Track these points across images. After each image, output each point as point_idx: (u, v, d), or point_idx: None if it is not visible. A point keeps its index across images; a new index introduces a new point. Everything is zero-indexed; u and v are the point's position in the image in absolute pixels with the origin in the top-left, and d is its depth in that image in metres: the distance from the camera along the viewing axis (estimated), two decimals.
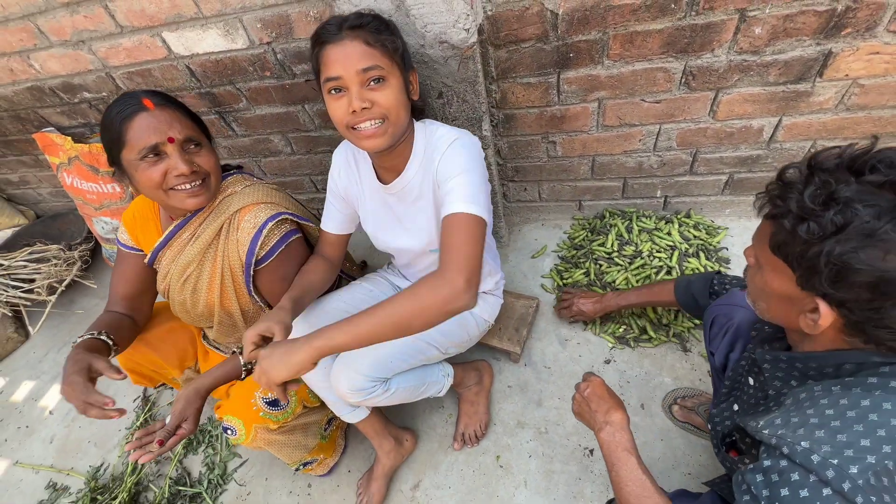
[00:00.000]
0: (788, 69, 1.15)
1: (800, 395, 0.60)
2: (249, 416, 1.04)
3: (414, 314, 0.76)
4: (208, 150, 0.97)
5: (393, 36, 0.85)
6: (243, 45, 1.32)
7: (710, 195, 1.56)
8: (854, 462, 0.49)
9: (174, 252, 1.05)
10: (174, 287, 1.07)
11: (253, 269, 1.03)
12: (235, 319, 1.14)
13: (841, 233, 0.49)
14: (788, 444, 0.53)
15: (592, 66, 1.22)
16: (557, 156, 1.52)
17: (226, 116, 1.60)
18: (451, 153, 0.88)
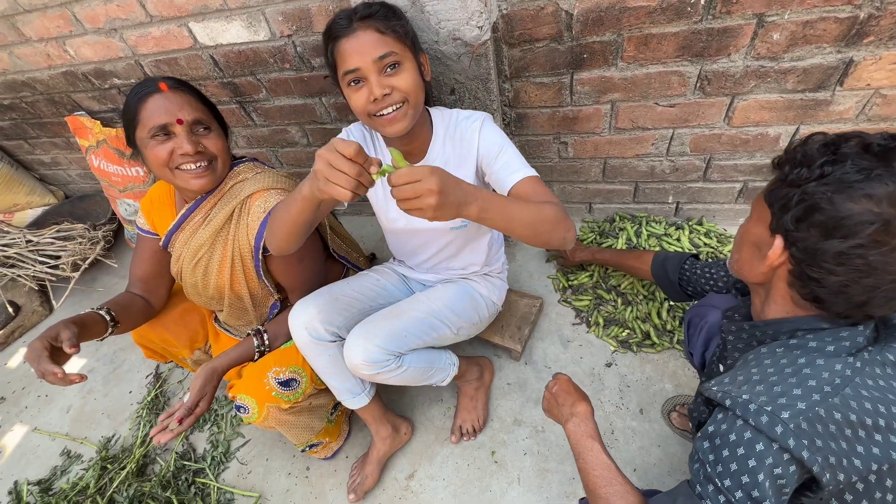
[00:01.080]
0: (807, 77, 1.13)
1: (748, 357, 0.66)
2: (262, 396, 1.07)
3: (540, 217, 0.80)
4: (217, 135, 1.01)
5: (402, 21, 0.88)
6: (265, 38, 1.37)
7: (723, 203, 1.54)
8: (786, 408, 0.54)
9: (187, 235, 1.09)
10: (186, 269, 1.11)
11: (263, 254, 1.07)
12: (245, 303, 1.17)
13: (823, 178, 0.55)
14: (732, 397, 0.58)
15: (606, 68, 1.22)
16: (569, 157, 1.52)
17: (246, 106, 1.65)
18: (488, 132, 0.96)
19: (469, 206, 0.70)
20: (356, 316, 1.13)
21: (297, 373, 1.10)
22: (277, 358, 1.09)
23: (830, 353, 0.59)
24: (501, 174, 0.92)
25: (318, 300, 1.09)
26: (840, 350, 0.58)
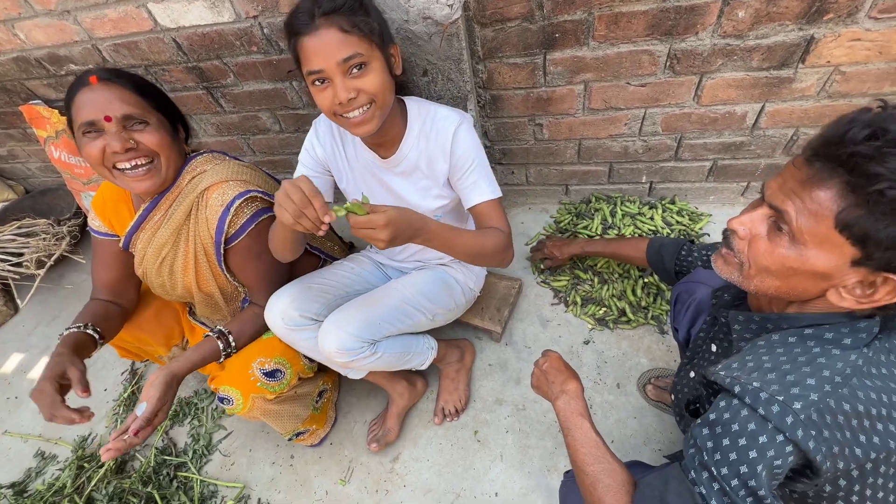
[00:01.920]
0: (771, 54, 1.15)
1: (757, 343, 0.61)
2: (247, 386, 1.05)
3: (475, 246, 0.92)
4: (155, 129, 0.94)
5: (368, 17, 0.82)
6: (230, 19, 1.32)
7: (694, 181, 1.58)
8: (798, 399, 0.51)
9: (148, 235, 1.05)
10: (151, 270, 1.08)
11: (224, 248, 1.04)
12: (216, 299, 1.15)
13: None
14: (741, 384, 0.55)
15: (578, 48, 1.23)
16: (544, 139, 1.53)
17: (214, 92, 1.60)
18: (462, 140, 0.95)
19: (416, 239, 0.82)
20: (333, 302, 1.13)
21: (282, 364, 1.09)
22: (261, 348, 1.08)
23: (847, 345, 0.55)
24: (466, 191, 0.97)
25: (290, 290, 1.08)
26: (857, 342, 0.55)
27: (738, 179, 1.54)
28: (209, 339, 1.06)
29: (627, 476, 0.68)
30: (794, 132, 1.34)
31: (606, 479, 0.68)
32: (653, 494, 0.61)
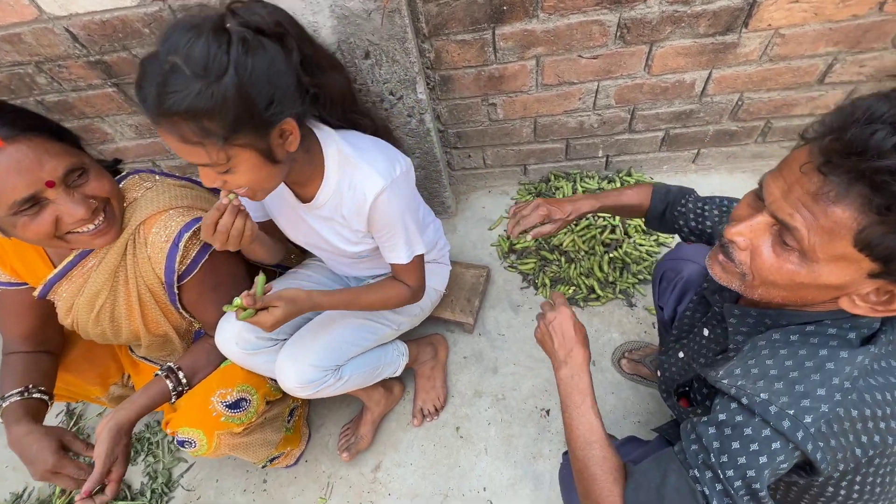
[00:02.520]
0: (717, 20, 1.15)
1: (758, 342, 0.58)
2: (209, 424, 0.94)
3: (379, 304, 0.98)
4: (97, 172, 0.79)
5: (221, 113, 0.61)
6: (133, 3, 1.14)
7: (648, 152, 1.59)
8: (809, 412, 0.50)
9: (76, 284, 0.89)
10: (85, 320, 0.93)
11: (177, 286, 0.92)
12: (169, 338, 1.02)
13: None
14: (748, 395, 0.53)
15: (528, 20, 1.17)
16: (499, 119, 1.47)
17: (126, 89, 1.40)
18: (382, 208, 0.83)
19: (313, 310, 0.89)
20: None
21: (247, 391, 0.99)
22: (220, 379, 0.97)
23: (852, 341, 0.53)
24: (384, 248, 0.93)
25: None
26: (860, 336, 0.53)
27: (689, 147, 1.57)
28: (157, 380, 0.94)
29: (617, 464, 0.65)
30: (738, 97, 1.37)
31: (594, 469, 0.65)
32: (649, 486, 0.59)
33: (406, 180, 0.86)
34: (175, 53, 0.60)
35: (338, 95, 0.82)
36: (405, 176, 0.86)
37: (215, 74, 0.60)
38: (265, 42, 0.65)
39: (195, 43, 0.59)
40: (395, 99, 1.22)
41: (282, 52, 0.68)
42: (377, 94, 1.20)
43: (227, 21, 0.64)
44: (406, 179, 0.86)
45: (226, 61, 0.60)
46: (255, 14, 0.66)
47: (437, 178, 1.52)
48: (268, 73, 0.64)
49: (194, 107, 0.60)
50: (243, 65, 0.61)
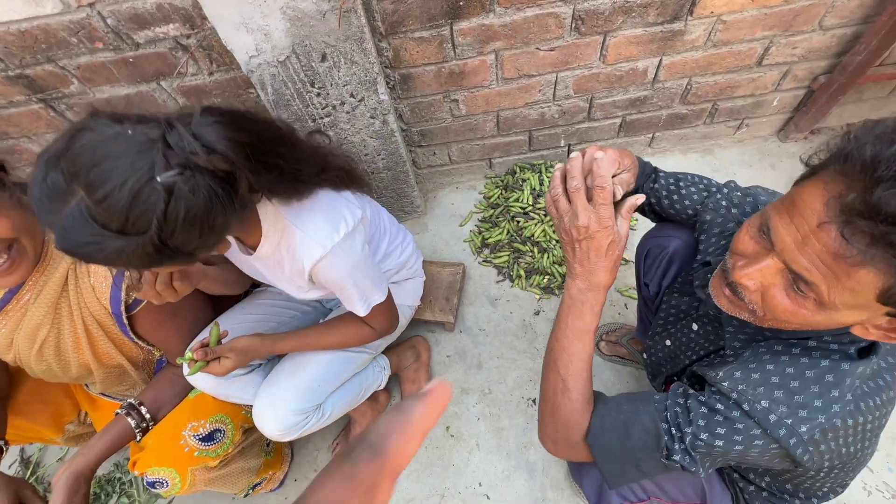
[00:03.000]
0: (665, 8, 1.19)
1: (760, 349, 0.59)
2: (182, 461, 0.88)
3: (341, 345, 0.98)
4: (3, 211, 0.71)
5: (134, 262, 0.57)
6: (54, 10, 1.03)
7: (607, 139, 1.64)
8: (805, 422, 0.52)
9: (14, 320, 0.82)
10: (27, 356, 0.85)
11: (126, 316, 0.85)
12: (124, 369, 0.95)
13: None
14: (749, 401, 0.55)
15: (484, 15, 1.16)
16: (462, 114, 1.46)
17: (55, 104, 1.28)
18: (323, 273, 0.80)
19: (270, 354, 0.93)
20: None
21: (221, 421, 0.94)
22: (191, 411, 0.91)
23: (852, 354, 0.54)
24: (341, 299, 0.89)
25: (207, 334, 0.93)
26: (858, 349, 0.55)
27: (644, 132, 1.63)
28: (117, 419, 0.87)
29: (592, 388, 0.68)
30: (687, 82, 1.43)
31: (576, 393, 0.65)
32: (617, 418, 0.63)
33: (351, 240, 0.80)
34: (86, 191, 0.50)
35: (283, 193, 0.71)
36: (348, 237, 0.79)
37: (133, 232, 0.53)
38: (201, 184, 0.54)
39: (113, 195, 0.50)
40: (357, 101, 1.18)
41: (221, 192, 0.57)
42: (337, 96, 1.16)
43: (155, 169, 0.52)
44: (351, 239, 0.80)
45: (148, 220, 0.52)
46: (193, 152, 0.54)
47: (405, 178, 1.50)
48: (199, 220, 0.56)
49: (106, 260, 0.55)
50: (170, 221, 0.53)
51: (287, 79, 1.08)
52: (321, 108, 1.17)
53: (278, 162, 0.65)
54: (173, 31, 1.10)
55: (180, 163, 0.53)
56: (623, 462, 0.64)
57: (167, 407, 0.93)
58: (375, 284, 0.88)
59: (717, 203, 0.77)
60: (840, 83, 1.38)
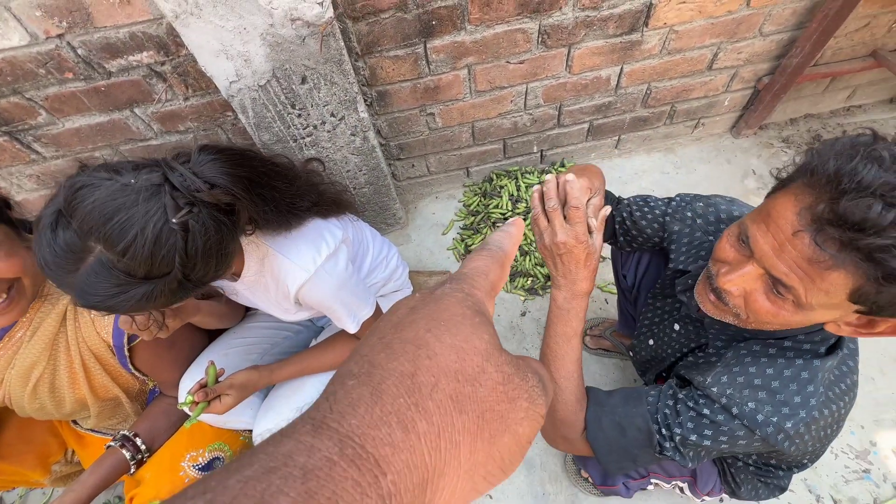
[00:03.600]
0: (622, 22, 1.28)
1: (741, 351, 0.64)
2: None
3: (335, 365, 0.98)
4: (7, 249, 0.71)
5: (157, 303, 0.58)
6: (21, 42, 1.01)
7: (577, 143, 1.72)
8: (789, 418, 0.58)
9: (6, 357, 0.80)
10: (19, 395, 0.83)
11: (128, 348, 0.85)
12: (120, 402, 0.93)
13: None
14: (738, 404, 0.60)
15: (456, 33, 1.21)
16: (438, 127, 1.51)
17: (21, 136, 1.24)
18: (309, 295, 0.81)
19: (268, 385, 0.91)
20: (261, 361, 1.00)
21: (220, 449, 0.93)
22: (188, 440, 0.91)
23: (822, 353, 0.60)
24: (331, 318, 0.90)
25: (204, 363, 0.93)
26: (827, 346, 0.60)
27: (611, 135, 1.72)
28: (110, 452, 0.86)
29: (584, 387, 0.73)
30: (647, 87, 1.53)
31: (570, 395, 0.70)
32: (612, 420, 0.68)
33: (333, 262, 0.82)
34: (105, 246, 0.52)
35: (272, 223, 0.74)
36: (331, 259, 0.81)
37: (159, 275, 0.55)
38: (208, 218, 0.58)
39: (135, 244, 0.52)
40: (337, 120, 1.21)
41: (226, 221, 0.61)
42: (318, 116, 1.18)
43: (167, 212, 0.54)
44: (334, 260, 0.82)
45: (171, 259, 0.55)
46: (198, 190, 0.57)
47: (386, 191, 1.53)
48: (214, 248, 0.59)
49: (136, 308, 0.56)
50: (191, 256, 0.56)
51: (268, 101, 1.09)
52: (302, 128, 1.19)
53: (274, 195, 0.68)
54: (147, 58, 1.10)
55: (188, 202, 0.55)
56: (621, 457, 0.69)
57: (162, 437, 0.92)
58: (362, 300, 0.90)
59: (683, 214, 0.83)
60: (781, 83, 1.51)
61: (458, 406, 0.19)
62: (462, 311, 0.22)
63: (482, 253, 0.27)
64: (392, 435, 0.17)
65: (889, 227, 0.42)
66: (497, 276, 0.26)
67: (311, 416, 0.17)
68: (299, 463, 0.15)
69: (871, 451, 1.18)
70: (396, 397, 0.18)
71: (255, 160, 0.67)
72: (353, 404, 0.17)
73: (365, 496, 0.15)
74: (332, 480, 0.15)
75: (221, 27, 0.91)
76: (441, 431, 0.18)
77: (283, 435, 0.17)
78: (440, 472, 0.18)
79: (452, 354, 0.20)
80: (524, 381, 0.21)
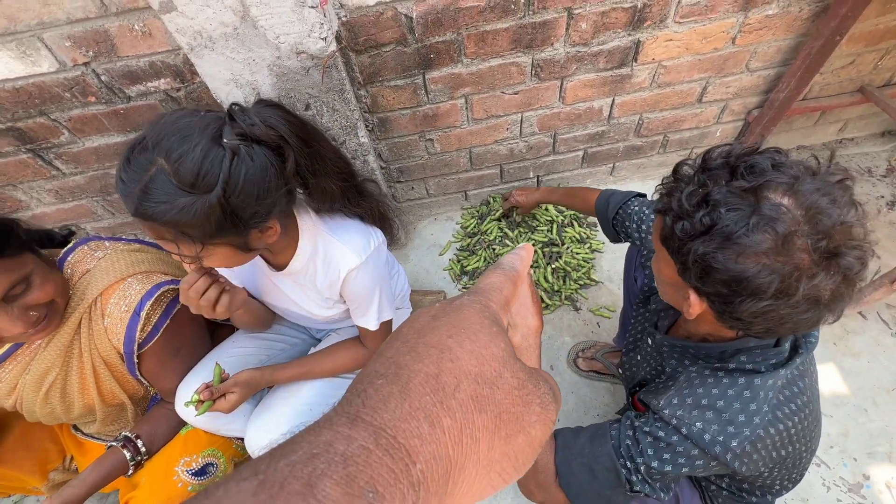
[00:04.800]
0: (612, 57, 1.35)
1: (691, 373, 0.70)
2: (176, 496, 0.89)
3: (335, 371, 1.02)
4: (42, 277, 0.76)
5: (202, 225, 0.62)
6: (51, 69, 1.10)
7: (572, 170, 1.77)
8: (735, 437, 0.61)
9: (22, 364, 0.85)
10: (32, 400, 0.87)
11: (137, 355, 0.89)
12: (124, 406, 0.97)
13: (707, 234, 0.53)
14: (686, 425, 0.64)
15: (453, 65, 1.29)
16: (437, 152, 1.57)
17: (44, 154, 1.32)
18: (354, 284, 0.87)
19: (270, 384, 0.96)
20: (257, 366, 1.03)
21: (213, 455, 0.96)
22: (182, 446, 0.93)
23: (762, 372, 0.64)
24: (353, 312, 0.95)
25: (200, 371, 0.96)
26: (769, 367, 0.64)
27: (605, 163, 1.77)
28: (111, 451, 0.89)
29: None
30: (639, 118, 1.59)
31: None
32: (581, 463, 0.70)
33: (378, 255, 0.89)
34: (165, 157, 0.59)
35: (329, 197, 0.80)
36: (378, 251, 0.89)
37: (202, 190, 0.60)
38: (258, 153, 0.64)
39: (188, 154, 0.58)
40: (338, 144, 1.28)
41: (275, 163, 0.66)
42: None
43: (223, 133, 0.62)
44: (379, 254, 0.89)
45: (215, 177, 0.60)
46: (254, 124, 0.64)
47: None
48: (256, 185, 0.64)
49: (175, 220, 0.60)
50: (233, 181, 0.61)
51: None
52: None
53: (327, 168, 0.75)
54: (164, 85, 1.18)
55: (242, 132, 0.63)
56: (596, 501, 0.70)
57: (161, 441, 0.95)
58: (390, 301, 0.95)
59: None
60: (770, 116, 1.56)
61: (478, 406, 0.20)
62: (480, 321, 0.23)
63: (496, 272, 0.29)
64: (420, 428, 0.18)
65: (678, 181, 0.60)
66: (510, 292, 0.28)
67: (344, 410, 0.19)
68: (339, 450, 0.17)
69: (864, 485, 1.16)
70: (423, 395, 0.19)
71: (313, 128, 0.75)
72: (384, 400, 0.19)
73: (398, 482, 0.17)
74: (369, 466, 0.17)
75: (232, 59, 0.99)
76: (463, 428, 0.19)
77: (321, 426, 0.18)
78: (461, 465, 0.19)
79: (473, 359, 0.21)
80: (537, 387, 0.23)
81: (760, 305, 0.53)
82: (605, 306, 1.54)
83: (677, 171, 0.62)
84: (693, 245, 0.55)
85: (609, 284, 1.59)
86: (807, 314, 0.54)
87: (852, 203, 0.55)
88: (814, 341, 0.70)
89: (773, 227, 0.51)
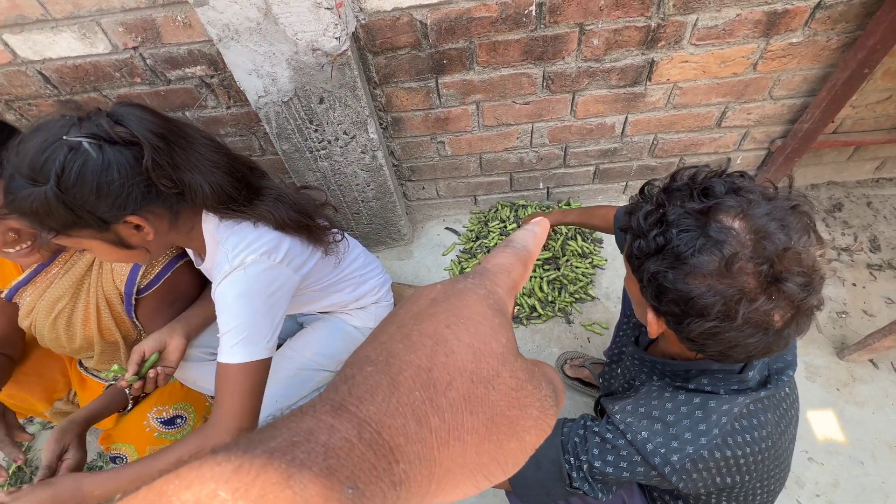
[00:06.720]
0: (625, 74, 1.36)
1: (652, 387, 0.71)
2: (143, 440, 0.99)
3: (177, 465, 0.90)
4: None
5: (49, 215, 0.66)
6: (105, 50, 1.24)
7: (583, 185, 1.77)
8: (676, 452, 0.62)
9: (40, 288, 0.96)
10: (42, 323, 0.99)
11: (135, 298, 0.99)
12: (118, 346, 1.08)
13: (660, 253, 0.55)
14: (633, 432, 0.65)
15: (465, 72, 1.34)
16: (447, 155, 1.62)
17: None
18: (222, 290, 0.77)
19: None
20: None
21: (184, 409, 1.04)
22: (157, 395, 1.02)
23: (720, 395, 0.64)
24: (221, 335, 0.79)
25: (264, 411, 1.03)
26: (729, 392, 0.64)
27: (618, 180, 1.76)
28: (113, 387, 0.99)
29: None
30: (654, 137, 1.57)
31: None
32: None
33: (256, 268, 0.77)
34: (17, 156, 0.65)
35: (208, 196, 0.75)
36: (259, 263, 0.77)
37: (42, 182, 0.64)
38: (108, 150, 0.66)
39: (31, 149, 0.64)
40: (349, 138, 1.35)
41: (128, 160, 0.67)
42: (332, 133, 1.33)
43: (69, 131, 0.65)
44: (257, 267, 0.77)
45: (48, 170, 0.63)
46: (100, 124, 0.66)
47: (392, 208, 1.65)
48: (96, 180, 0.65)
49: (21, 209, 0.67)
50: (67, 174, 0.64)
51: (289, 116, 1.26)
52: (318, 142, 1.34)
53: (191, 153, 0.73)
54: (200, 71, 1.30)
55: (90, 132, 0.66)
56: (536, 491, 0.73)
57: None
58: (266, 332, 0.78)
59: None
60: (793, 147, 1.51)
61: (469, 407, 0.19)
62: (483, 311, 0.22)
63: (506, 250, 0.26)
64: (406, 426, 0.17)
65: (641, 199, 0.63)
66: (519, 274, 0.25)
67: (329, 397, 0.18)
68: (321, 441, 0.16)
69: None
70: (412, 390, 0.18)
71: (182, 126, 0.74)
72: (371, 391, 0.18)
73: (379, 480, 0.16)
74: (350, 460, 0.16)
75: (255, 51, 1.09)
76: (451, 429, 0.18)
77: (303, 412, 0.17)
78: (446, 468, 0.18)
79: (469, 355, 0.20)
80: (537, 389, 0.22)
81: (707, 326, 0.54)
82: (598, 322, 1.53)
83: (643, 190, 0.64)
84: (647, 263, 0.57)
85: (605, 302, 1.58)
86: (752, 339, 0.54)
87: (806, 230, 0.55)
88: (786, 379, 0.69)
89: (719, 248, 0.52)
